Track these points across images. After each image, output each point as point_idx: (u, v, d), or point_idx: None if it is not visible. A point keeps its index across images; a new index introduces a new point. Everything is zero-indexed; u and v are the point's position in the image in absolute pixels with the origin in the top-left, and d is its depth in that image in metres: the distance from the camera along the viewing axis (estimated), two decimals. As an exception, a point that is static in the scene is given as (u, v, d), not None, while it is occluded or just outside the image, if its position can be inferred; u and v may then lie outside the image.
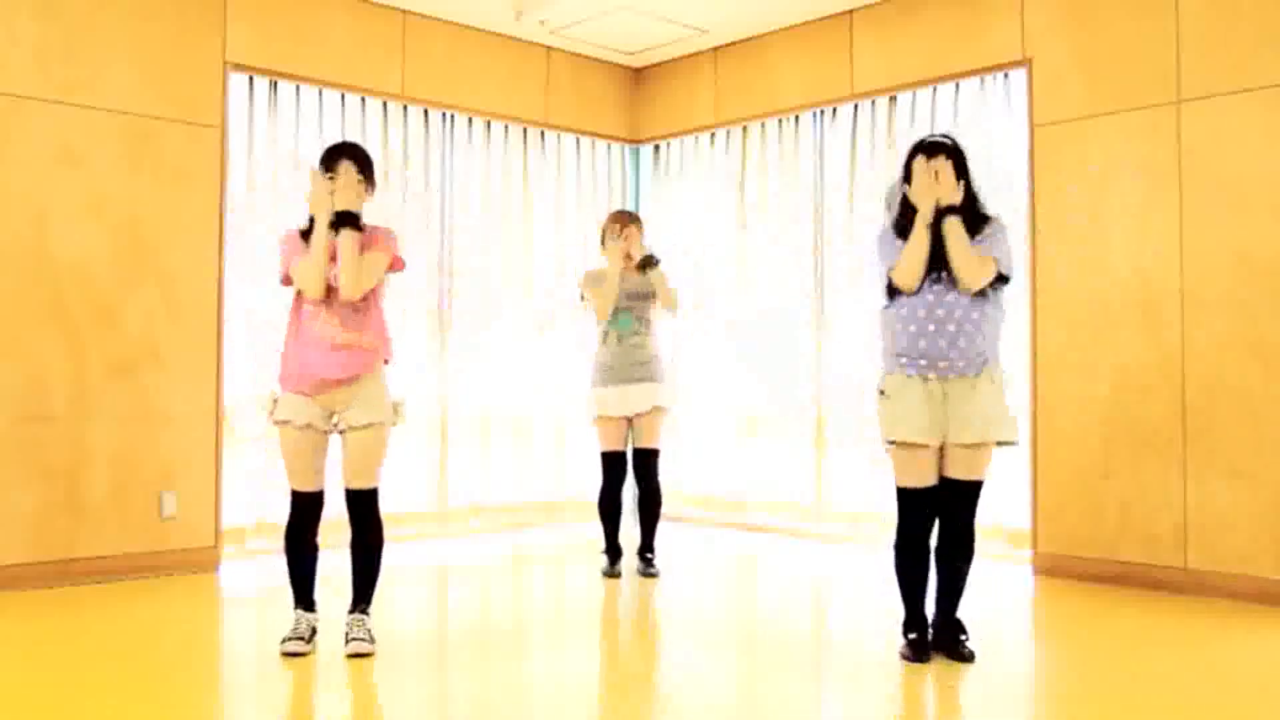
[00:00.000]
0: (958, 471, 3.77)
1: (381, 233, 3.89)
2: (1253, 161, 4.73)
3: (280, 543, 4.04)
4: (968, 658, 3.72)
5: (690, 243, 7.15)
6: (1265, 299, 4.69)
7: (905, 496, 3.81)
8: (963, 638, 3.78)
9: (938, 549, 3.83)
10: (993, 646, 3.96)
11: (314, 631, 3.88)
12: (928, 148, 3.82)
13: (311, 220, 3.83)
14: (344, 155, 3.86)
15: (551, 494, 7.03)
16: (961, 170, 3.80)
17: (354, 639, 3.78)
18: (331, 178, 3.79)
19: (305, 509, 3.91)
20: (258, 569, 5.47)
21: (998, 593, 5.03)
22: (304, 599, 3.91)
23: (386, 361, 3.95)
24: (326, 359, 3.78)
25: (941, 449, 3.77)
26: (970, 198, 3.81)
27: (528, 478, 6.92)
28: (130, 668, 3.71)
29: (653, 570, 5.30)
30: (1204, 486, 4.81)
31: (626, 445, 5.36)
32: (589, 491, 7.10)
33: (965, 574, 3.84)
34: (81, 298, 5.08)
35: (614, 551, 5.36)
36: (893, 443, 3.81)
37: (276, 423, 3.87)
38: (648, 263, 5.34)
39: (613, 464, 5.35)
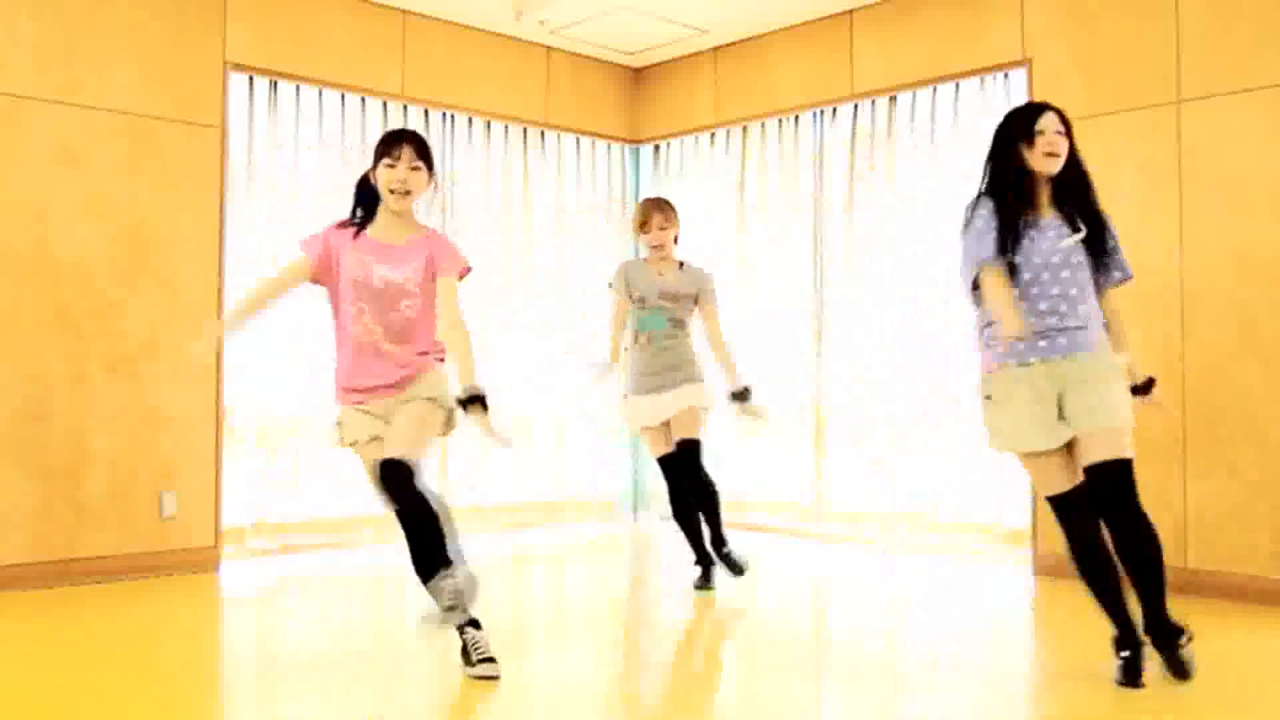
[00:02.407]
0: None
1: (448, 248, 3.66)
2: (1253, 161, 4.73)
3: (278, 541, 3.95)
4: (1186, 667, 3.35)
5: (690, 243, 7.14)
6: (1265, 299, 4.69)
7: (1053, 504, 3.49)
8: (1180, 641, 3.37)
9: (1115, 547, 3.44)
10: (993, 647, 3.95)
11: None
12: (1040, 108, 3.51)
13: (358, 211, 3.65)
14: (405, 140, 3.59)
15: (551, 494, 7.02)
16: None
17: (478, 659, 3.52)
18: (393, 165, 3.54)
19: None
20: (258, 569, 5.47)
21: (998, 593, 5.03)
22: None
23: (440, 359, 3.70)
24: (371, 365, 3.58)
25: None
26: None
27: (528, 478, 6.92)
28: (130, 668, 3.71)
29: (737, 565, 4.90)
30: (1204, 486, 4.80)
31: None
32: (589, 491, 7.13)
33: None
34: (81, 298, 5.08)
35: (703, 560, 4.97)
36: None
37: (347, 446, 3.64)
38: (742, 396, 4.97)
39: (668, 469, 5.00)
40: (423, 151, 3.60)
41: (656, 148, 7.47)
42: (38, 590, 4.83)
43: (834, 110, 6.46)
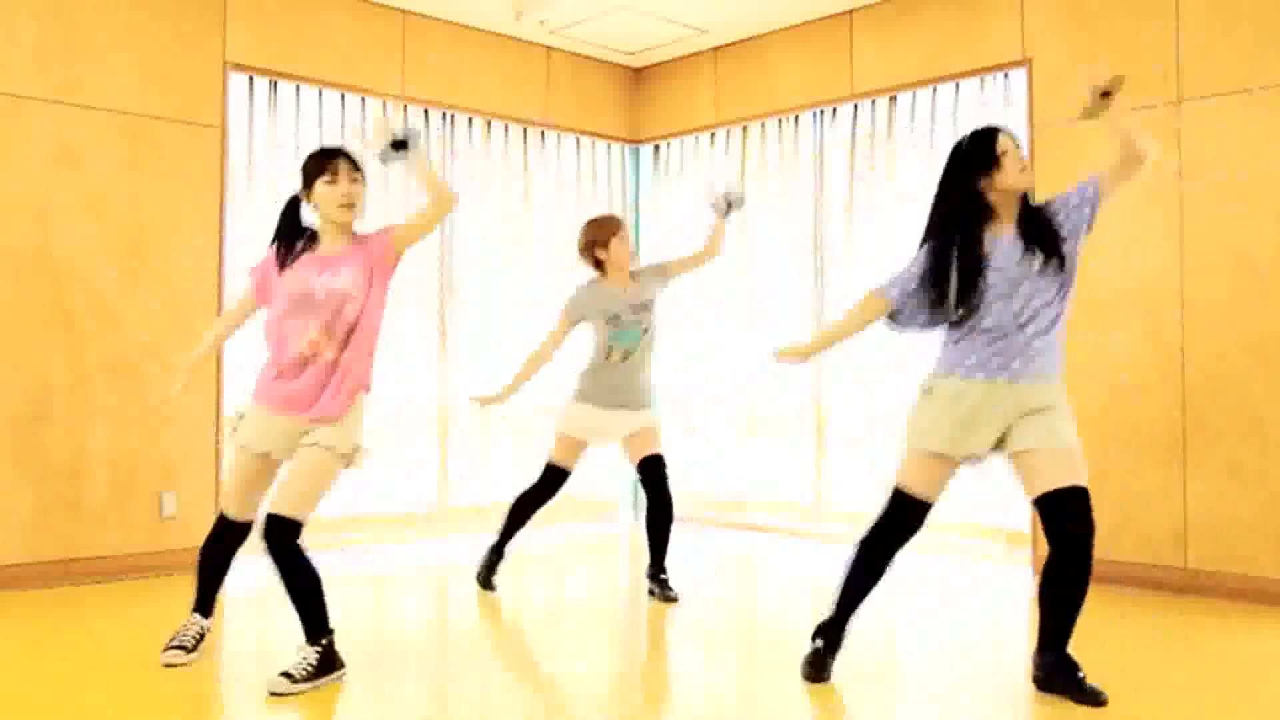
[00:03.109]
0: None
1: (376, 234, 3.66)
2: (1253, 161, 4.73)
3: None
4: (1099, 694, 3.22)
5: (690, 243, 7.13)
6: (1265, 299, 4.69)
7: None
8: (1081, 674, 3.28)
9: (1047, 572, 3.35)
10: (993, 647, 3.95)
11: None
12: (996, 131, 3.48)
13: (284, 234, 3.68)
14: (339, 155, 3.59)
15: (551, 494, 7.01)
16: None
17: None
18: (333, 181, 3.56)
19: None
20: (258, 569, 5.46)
21: (998, 593, 5.03)
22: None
23: (365, 390, 3.65)
24: (307, 378, 3.58)
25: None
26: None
27: (528, 478, 6.89)
28: (130, 668, 3.70)
29: (671, 594, 4.81)
30: (1204, 486, 4.80)
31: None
32: (589, 491, 7.12)
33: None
34: (81, 298, 5.08)
35: (495, 555, 4.99)
36: None
37: (239, 443, 3.66)
38: (734, 205, 4.96)
39: (557, 479, 4.98)
40: (356, 163, 3.60)
41: (656, 148, 7.47)
42: (38, 590, 4.83)
43: (834, 110, 6.46)
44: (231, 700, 3.50)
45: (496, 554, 4.97)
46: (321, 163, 3.57)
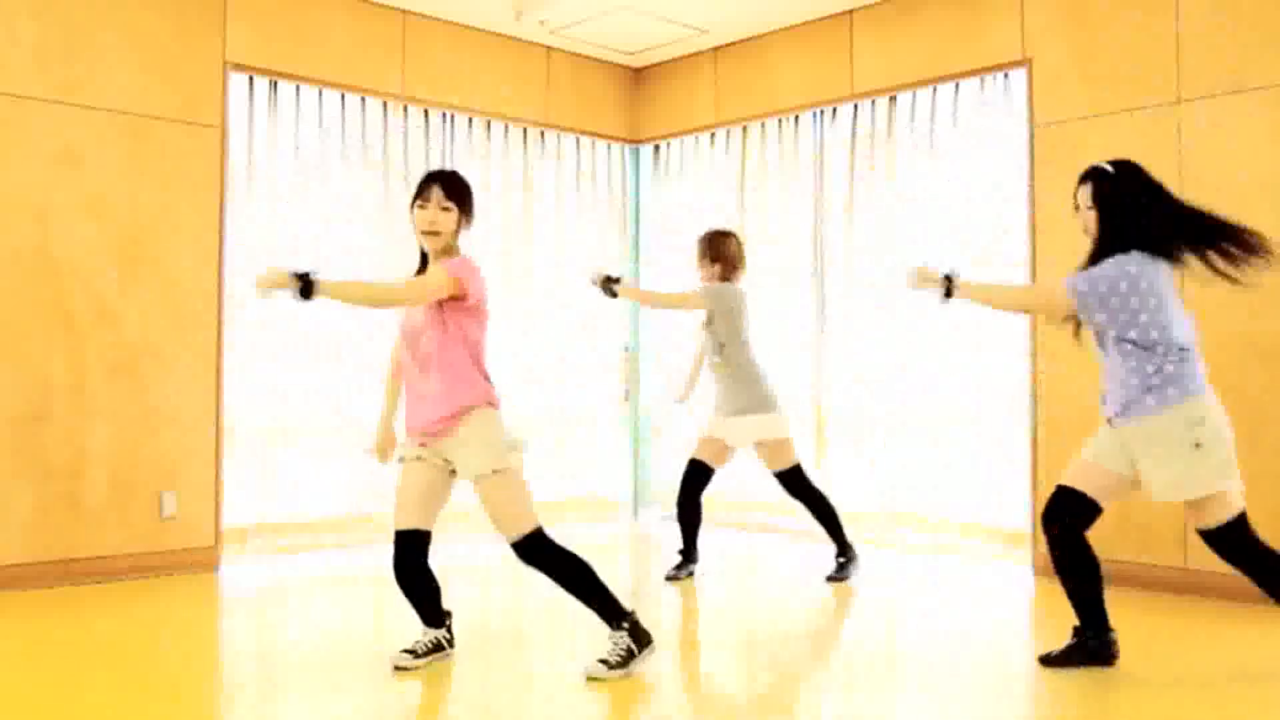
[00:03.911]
0: None
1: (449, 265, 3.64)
2: (1252, 161, 4.73)
3: (278, 541, 3.98)
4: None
5: (690, 243, 7.14)
6: (1265, 299, 4.68)
7: None
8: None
9: None
10: (993, 647, 3.95)
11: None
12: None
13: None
14: (436, 181, 3.61)
15: (552, 494, 7.02)
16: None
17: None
18: (423, 206, 3.58)
19: None
20: (258, 569, 5.47)
21: (998, 593, 5.03)
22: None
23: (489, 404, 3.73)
24: (415, 406, 3.74)
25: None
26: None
27: (527, 477, 6.90)
28: (130, 668, 3.71)
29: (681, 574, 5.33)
30: (1204, 486, 4.79)
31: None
32: (589, 491, 7.12)
33: None
34: (81, 298, 5.08)
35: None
36: None
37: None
38: (606, 284, 5.17)
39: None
40: (451, 190, 3.60)
41: (656, 148, 7.47)
42: (38, 590, 4.83)
43: (834, 110, 6.46)
44: (232, 700, 3.50)
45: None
46: (421, 186, 3.62)
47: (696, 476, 5.31)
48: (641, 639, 3.58)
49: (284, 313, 5.52)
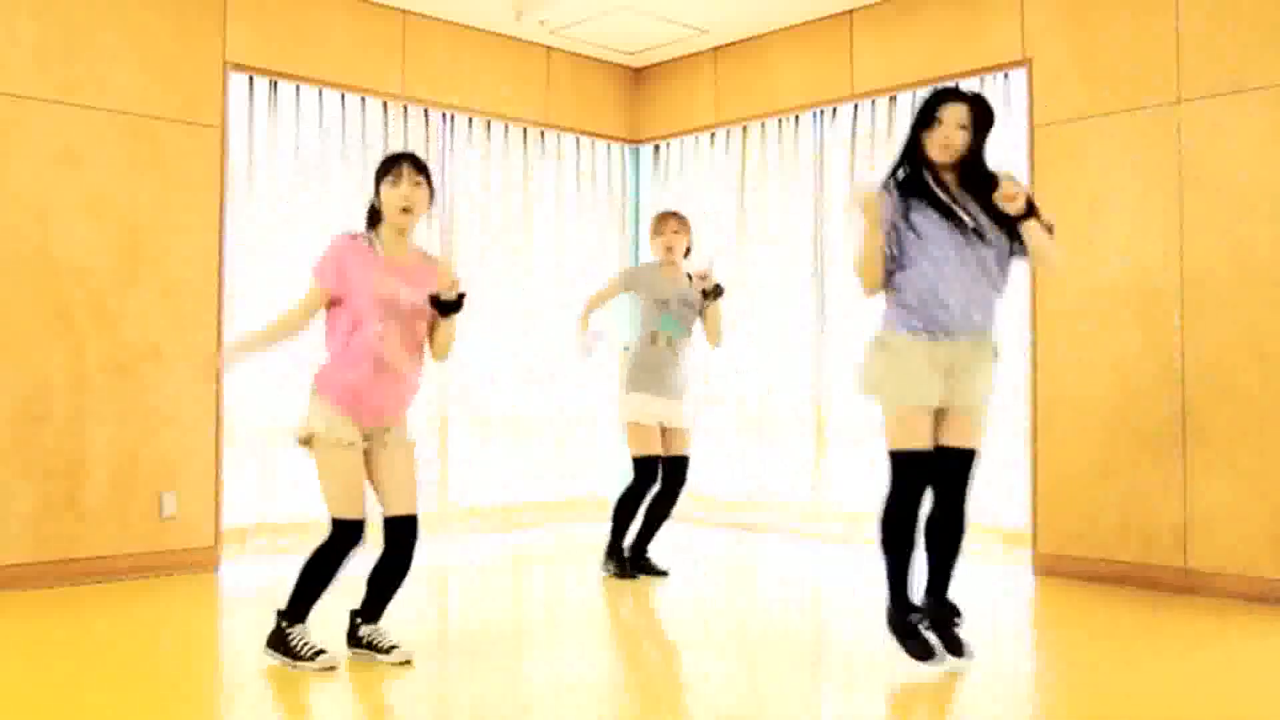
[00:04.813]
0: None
1: (441, 273, 3.74)
2: (1252, 161, 4.73)
3: (278, 541, 3.99)
4: (965, 648, 3.58)
5: (690, 242, 7.14)
6: (1265, 299, 4.69)
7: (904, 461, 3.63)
8: (956, 620, 3.64)
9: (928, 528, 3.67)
10: (993, 646, 3.95)
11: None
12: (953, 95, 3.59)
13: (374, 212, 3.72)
14: (404, 160, 3.66)
15: (551, 494, 7.02)
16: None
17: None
18: (395, 184, 3.63)
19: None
20: (258, 569, 5.47)
21: (998, 593, 5.03)
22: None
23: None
24: (389, 387, 3.65)
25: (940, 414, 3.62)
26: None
27: (528, 478, 6.92)
28: (130, 668, 3.71)
29: (658, 568, 5.27)
30: (1204, 486, 4.80)
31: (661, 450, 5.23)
32: (589, 491, 7.13)
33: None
34: (81, 298, 5.08)
35: (620, 554, 5.24)
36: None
37: (326, 442, 3.59)
38: (714, 293, 5.15)
39: (650, 468, 5.20)
40: (421, 168, 3.68)
41: (656, 148, 7.47)
42: (38, 590, 4.83)
43: (834, 110, 6.46)
44: (231, 700, 3.50)
45: (616, 553, 5.27)
46: (388, 165, 3.66)
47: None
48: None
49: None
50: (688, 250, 5.36)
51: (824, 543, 6.26)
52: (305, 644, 3.60)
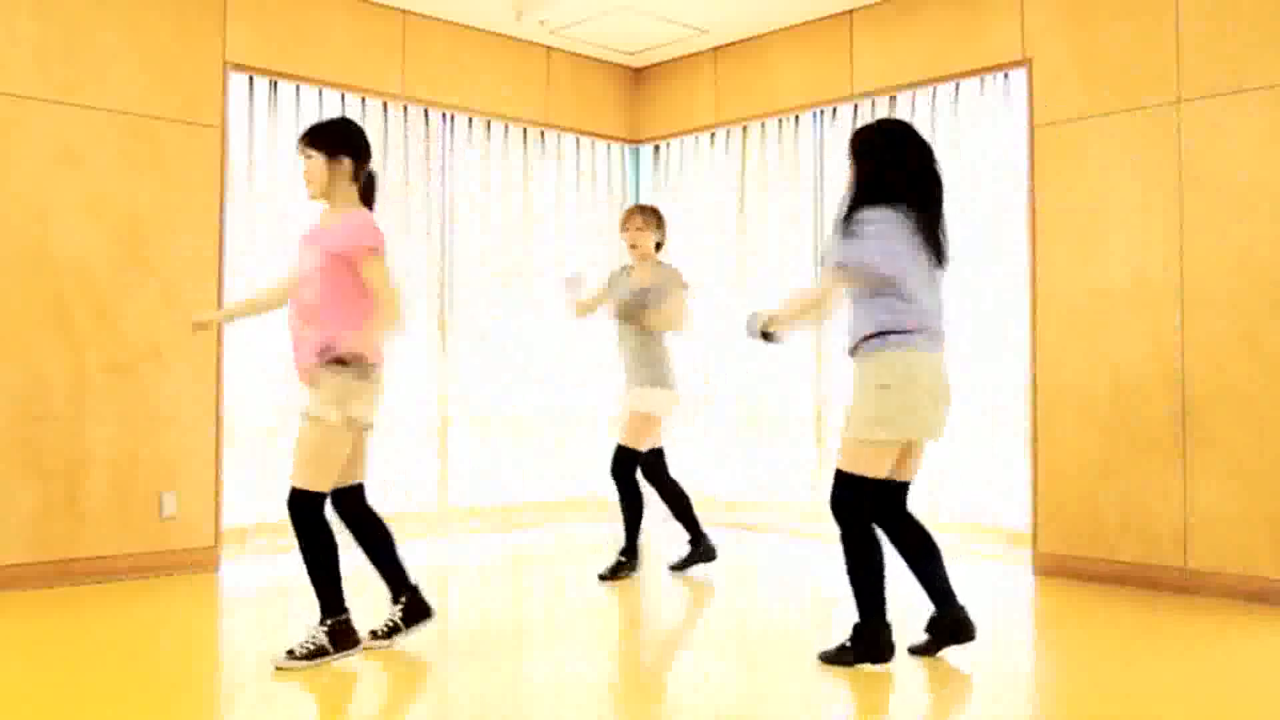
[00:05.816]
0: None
1: (349, 229, 3.67)
2: (1252, 161, 4.73)
3: (278, 541, 4.01)
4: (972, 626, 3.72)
5: (690, 242, 7.15)
6: (1265, 299, 4.69)
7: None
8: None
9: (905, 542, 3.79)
10: (993, 646, 3.95)
11: None
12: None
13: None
14: (301, 137, 3.77)
15: (551, 494, 7.02)
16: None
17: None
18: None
19: None
20: (258, 569, 5.47)
21: (998, 593, 5.03)
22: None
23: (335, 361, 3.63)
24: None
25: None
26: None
27: (528, 478, 6.92)
28: (130, 668, 3.71)
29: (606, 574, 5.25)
30: (1204, 486, 4.80)
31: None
32: (589, 491, 7.12)
33: None
34: (81, 298, 5.08)
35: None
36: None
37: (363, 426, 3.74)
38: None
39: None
40: (312, 140, 3.72)
41: (656, 148, 7.47)
42: (38, 590, 4.83)
43: (834, 110, 6.46)
44: (231, 700, 3.50)
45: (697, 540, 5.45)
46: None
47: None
48: (340, 641, 3.63)
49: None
50: (659, 245, 5.40)
51: (824, 543, 6.26)
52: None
